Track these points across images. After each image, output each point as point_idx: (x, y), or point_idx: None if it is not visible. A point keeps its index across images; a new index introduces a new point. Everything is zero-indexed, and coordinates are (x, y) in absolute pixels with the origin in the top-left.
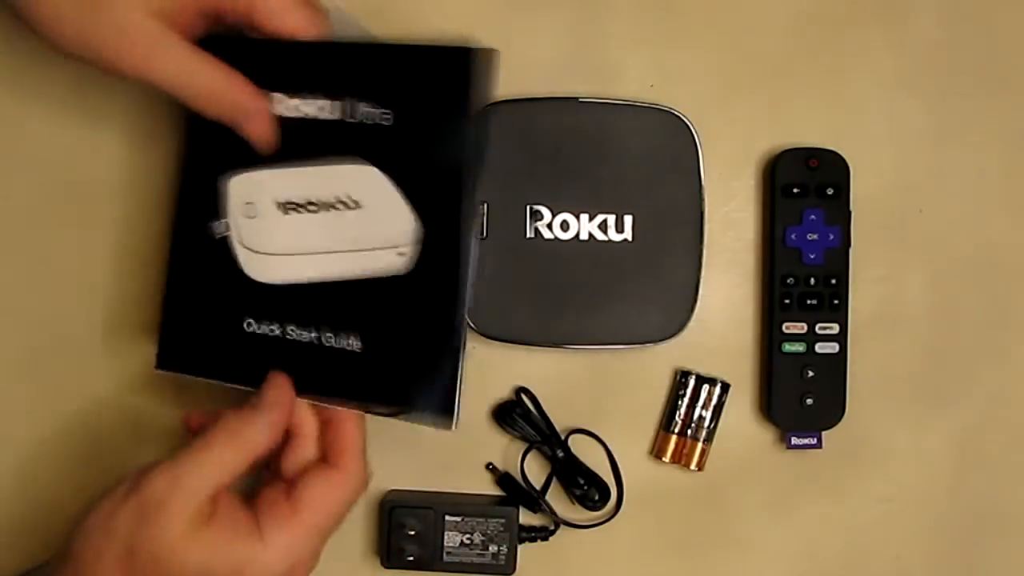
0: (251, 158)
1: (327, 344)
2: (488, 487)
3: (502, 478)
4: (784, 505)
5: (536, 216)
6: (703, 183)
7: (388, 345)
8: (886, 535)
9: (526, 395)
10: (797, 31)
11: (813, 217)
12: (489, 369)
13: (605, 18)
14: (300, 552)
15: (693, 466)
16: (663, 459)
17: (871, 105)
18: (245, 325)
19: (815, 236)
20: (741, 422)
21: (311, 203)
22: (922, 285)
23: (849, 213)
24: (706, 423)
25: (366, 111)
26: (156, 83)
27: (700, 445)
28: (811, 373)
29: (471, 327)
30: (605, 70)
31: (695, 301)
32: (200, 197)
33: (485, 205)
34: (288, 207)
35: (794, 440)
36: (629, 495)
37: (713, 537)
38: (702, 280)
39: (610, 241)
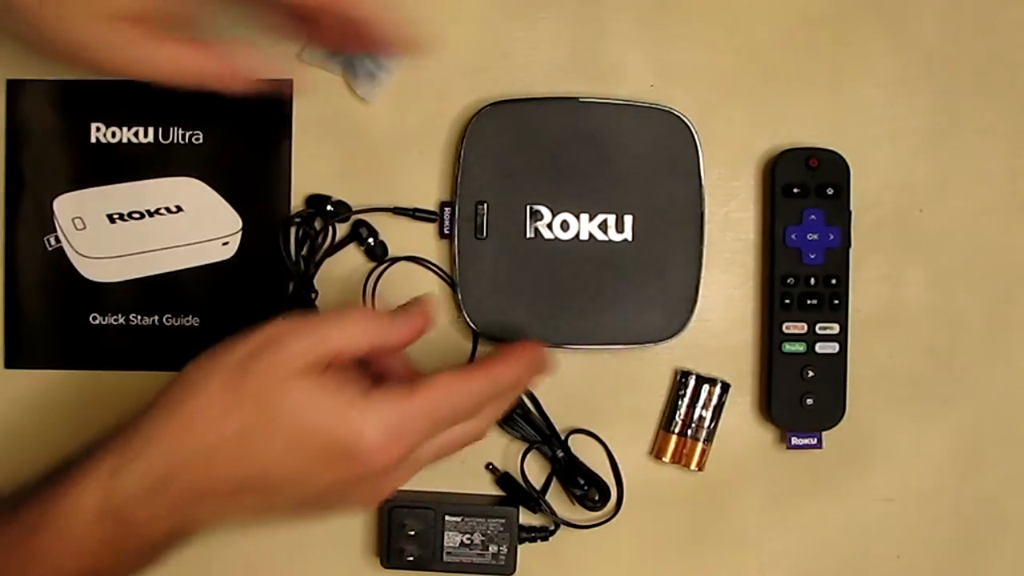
0: (73, 180)
1: (168, 324)
2: (488, 487)
3: (502, 478)
4: (784, 505)
5: (536, 216)
6: (703, 183)
7: (223, 318)
8: (887, 535)
9: (526, 395)
10: (797, 31)
11: (813, 217)
12: None
13: (605, 18)
14: (400, 429)
15: (693, 466)
16: (663, 459)
17: (871, 105)
18: (91, 319)
19: (815, 236)
20: (741, 422)
21: (135, 213)
22: (922, 285)
23: (849, 213)
24: (706, 423)
25: (179, 134)
26: (125, 73)
27: (700, 445)
28: (811, 373)
29: (471, 327)
30: (605, 70)
31: (695, 301)
32: (30, 216)
33: (485, 205)
34: (114, 217)
35: (794, 440)
36: (629, 495)
37: (713, 537)
38: (702, 280)
39: (610, 241)
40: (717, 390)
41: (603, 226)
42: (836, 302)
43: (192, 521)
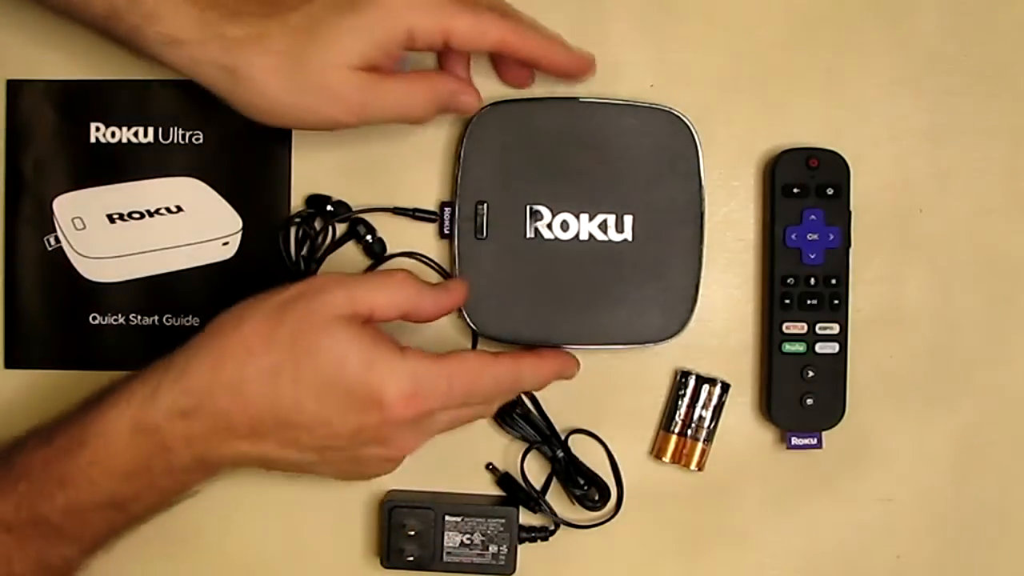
0: (73, 180)
1: (168, 324)
2: (488, 487)
3: (502, 478)
4: (784, 505)
5: (536, 216)
6: (703, 183)
7: None
8: (887, 535)
9: (526, 395)
10: (797, 31)
11: (813, 217)
12: None
13: (605, 18)
14: (425, 388)
15: (693, 466)
16: (663, 459)
17: (871, 105)
18: (91, 319)
19: (815, 236)
20: (741, 422)
21: (135, 213)
22: (922, 285)
23: (849, 213)
24: (706, 423)
25: (179, 134)
26: (374, 121)
27: (700, 445)
28: (811, 373)
29: (471, 327)
30: (605, 70)
31: (695, 301)
32: (30, 216)
33: (485, 205)
34: (114, 217)
35: (794, 440)
36: (629, 495)
37: (713, 537)
38: (702, 280)
39: (610, 241)
40: (717, 390)
41: (603, 226)
42: (836, 302)
43: (219, 453)
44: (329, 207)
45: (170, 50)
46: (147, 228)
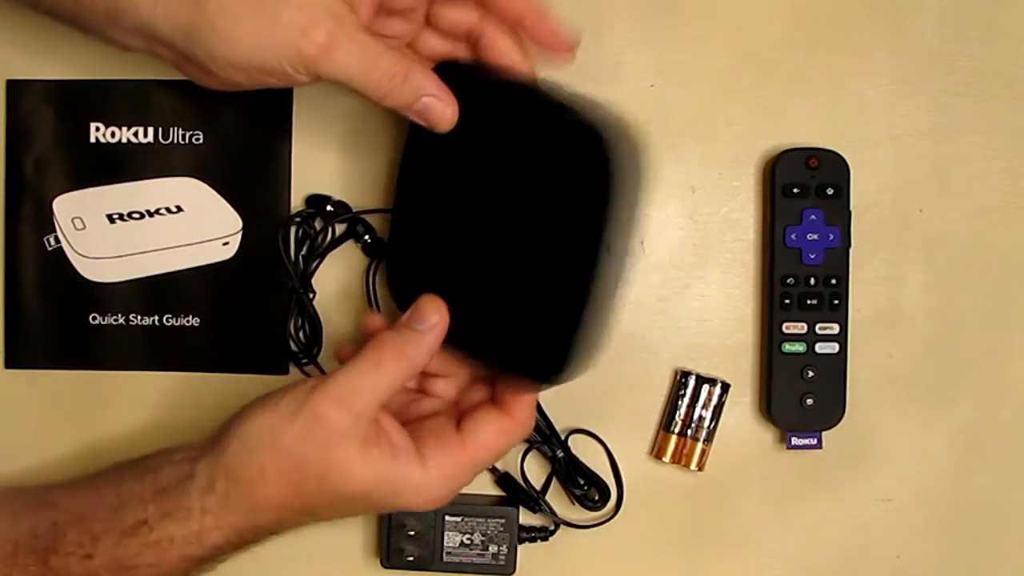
0: (73, 180)
1: (168, 324)
2: (488, 487)
3: (502, 478)
4: (784, 505)
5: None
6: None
7: (223, 318)
8: (886, 535)
9: None
10: (797, 31)
11: (813, 217)
12: None
13: (605, 18)
14: (457, 482)
15: (693, 466)
16: (663, 459)
17: (871, 105)
18: (91, 319)
19: (815, 236)
20: (741, 422)
21: (135, 213)
22: (922, 285)
23: (849, 213)
24: (706, 423)
25: (179, 134)
26: (334, 73)
27: (700, 445)
28: (811, 373)
29: None
30: (605, 70)
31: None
32: (30, 216)
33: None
34: (114, 217)
35: (794, 440)
36: (629, 495)
37: (713, 537)
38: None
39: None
40: (717, 390)
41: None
42: (836, 302)
43: (254, 543)
44: (329, 207)
45: None
46: (147, 228)
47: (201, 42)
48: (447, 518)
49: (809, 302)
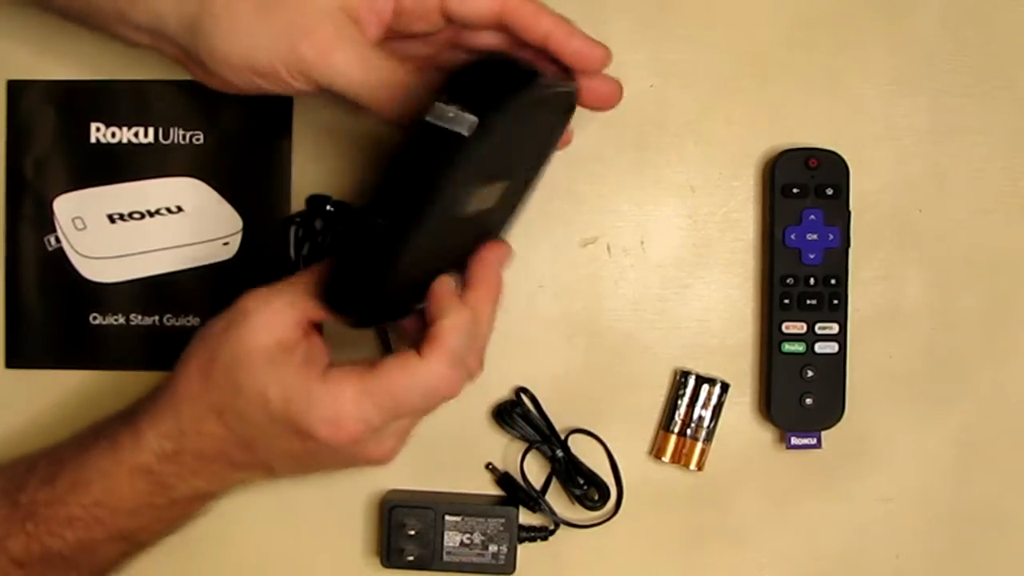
0: (73, 180)
1: (168, 324)
2: (488, 487)
3: (502, 478)
4: (784, 505)
5: None
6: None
7: None
8: (886, 535)
9: (526, 395)
10: (797, 31)
11: (813, 217)
12: (489, 369)
13: (605, 18)
14: (353, 408)
15: (693, 466)
16: (663, 459)
17: (871, 105)
18: (91, 319)
19: (815, 236)
20: (741, 422)
21: (135, 213)
22: (922, 285)
23: (849, 213)
24: (706, 423)
25: (179, 134)
26: (332, 81)
27: (700, 445)
28: (811, 373)
29: None
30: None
31: None
32: (30, 216)
33: None
34: (114, 217)
35: (794, 440)
36: (629, 495)
37: (713, 537)
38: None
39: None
40: (717, 390)
41: None
42: (835, 302)
43: (214, 483)
44: (329, 207)
45: None
46: (147, 228)
47: (202, 37)
48: (447, 518)
49: (809, 302)
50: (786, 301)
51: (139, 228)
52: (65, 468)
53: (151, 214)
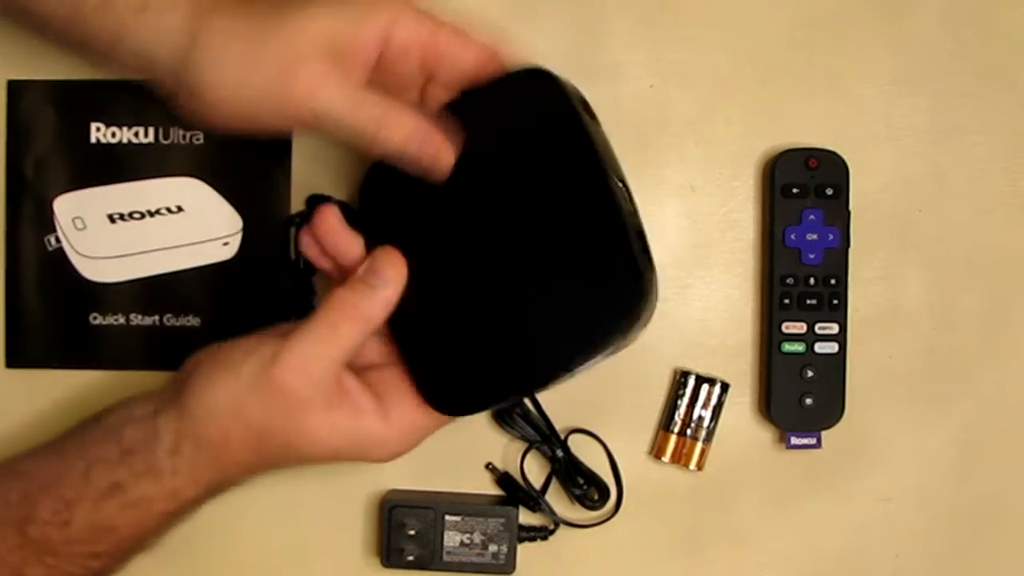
0: (73, 180)
1: (168, 324)
2: (488, 487)
3: (502, 478)
4: (784, 505)
5: None
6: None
7: (223, 318)
8: (886, 535)
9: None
10: (796, 31)
11: (812, 217)
12: None
13: (605, 18)
14: (419, 433)
15: (693, 466)
16: (663, 459)
17: (871, 105)
18: (91, 319)
19: (814, 236)
20: (741, 422)
21: (135, 213)
22: (922, 285)
23: (848, 213)
24: (706, 423)
25: (179, 134)
26: (320, 116)
27: (700, 445)
28: (811, 373)
29: None
30: (605, 70)
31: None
32: (30, 216)
33: None
34: (114, 217)
35: (794, 440)
36: (629, 495)
37: (712, 537)
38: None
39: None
40: (716, 390)
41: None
42: (835, 302)
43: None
44: None
45: (136, 18)
46: (147, 228)
47: (192, 68)
48: (447, 518)
49: (808, 302)
50: (786, 301)
51: (139, 228)
52: (79, 510)
53: (151, 214)
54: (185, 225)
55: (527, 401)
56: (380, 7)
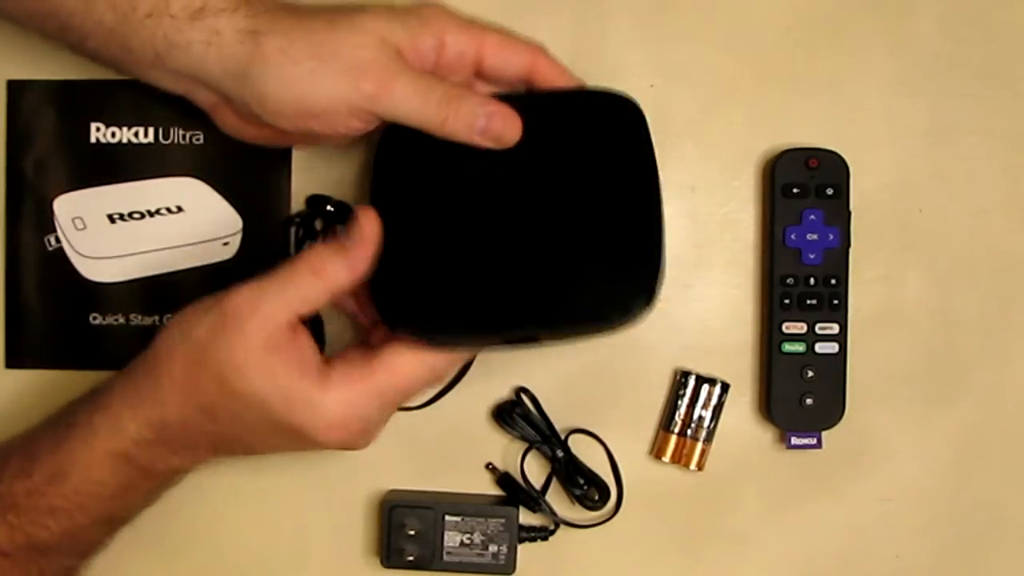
0: (73, 180)
1: None
2: (488, 487)
3: (502, 478)
4: (784, 505)
5: None
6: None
7: None
8: (886, 535)
9: (526, 395)
10: (797, 31)
11: (813, 217)
12: (489, 369)
13: (605, 18)
14: (357, 411)
15: (693, 466)
16: (663, 459)
17: (871, 105)
18: (91, 319)
19: (815, 236)
20: (741, 422)
21: (135, 213)
22: (922, 285)
23: (849, 213)
24: (706, 423)
25: (179, 134)
26: (393, 107)
27: (700, 445)
28: (811, 373)
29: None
30: (605, 70)
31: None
32: (30, 216)
33: None
34: (114, 217)
35: (794, 440)
36: (629, 495)
37: (713, 537)
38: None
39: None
40: (717, 390)
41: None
42: (835, 302)
43: (195, 463)
44: (329, 207)
45: (191, 24)
46: (147, 228)
47: (253, 83)
48: (447, 518)
49: (809, 302)
50: (786, 301)
51: (139, 228)
52: (41, 458)
53: (151, 214)
54: (185, 225)
55: (527, 401)
56: (431, 15)
